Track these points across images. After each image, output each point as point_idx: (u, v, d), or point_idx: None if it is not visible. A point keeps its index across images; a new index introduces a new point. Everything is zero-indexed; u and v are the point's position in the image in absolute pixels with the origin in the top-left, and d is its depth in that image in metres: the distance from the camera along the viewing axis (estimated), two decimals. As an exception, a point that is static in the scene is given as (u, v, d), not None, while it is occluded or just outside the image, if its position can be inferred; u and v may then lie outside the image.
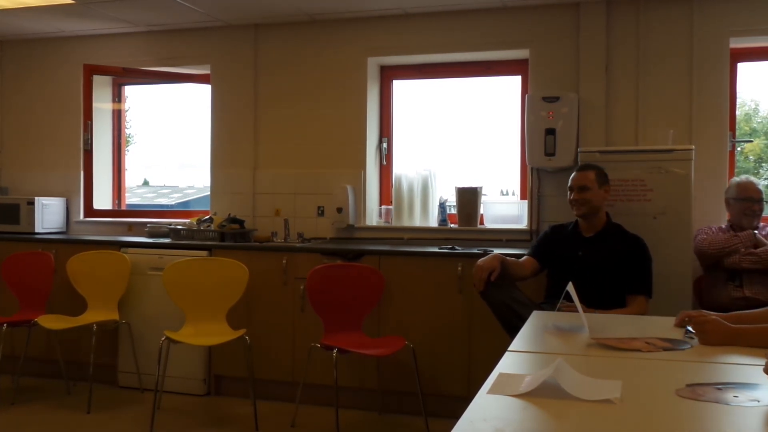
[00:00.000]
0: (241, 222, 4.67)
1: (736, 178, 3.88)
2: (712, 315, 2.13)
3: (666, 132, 3.93)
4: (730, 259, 3.55)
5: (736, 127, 4.34)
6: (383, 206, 4.82)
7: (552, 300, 3.12)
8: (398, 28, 4.61)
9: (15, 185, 5.48)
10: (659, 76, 4.15)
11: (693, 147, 3.76)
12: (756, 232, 3.59)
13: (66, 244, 4.72)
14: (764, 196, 3.78)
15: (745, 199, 3.66)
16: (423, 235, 4.54)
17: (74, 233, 5.24)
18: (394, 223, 4.62)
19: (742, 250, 3.53)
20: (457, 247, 4.13)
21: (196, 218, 4.78)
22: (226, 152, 4.97)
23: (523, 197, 4.55)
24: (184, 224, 4.76)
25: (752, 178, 3.80)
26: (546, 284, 3.56)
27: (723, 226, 3.79)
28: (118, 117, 5.53)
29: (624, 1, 4.19)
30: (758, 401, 1.44)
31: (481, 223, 4.52)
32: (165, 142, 5.74)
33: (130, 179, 5.74)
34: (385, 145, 4.83)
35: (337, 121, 4.74)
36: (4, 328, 4.17)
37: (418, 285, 4.02)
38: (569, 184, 3.47)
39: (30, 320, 4.25)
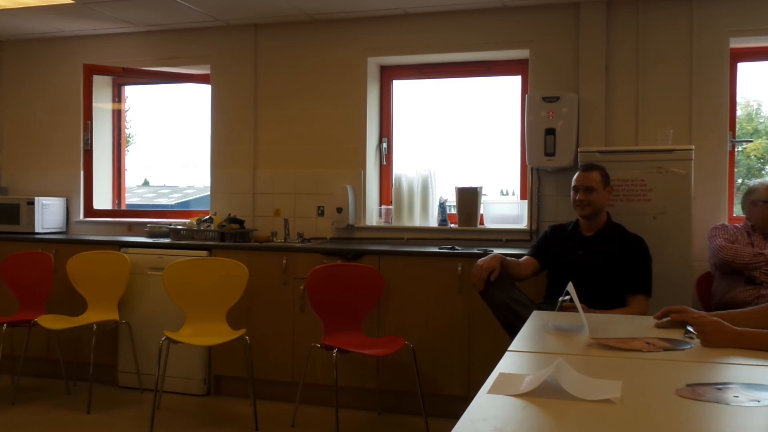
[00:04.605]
0: (241, 222, 4.67)
1: (760, 181, 3.80)
2: (712, 316, 2.12)
3: (666, 132, 3.93)
4: (751, 273, 3.51)
5: (738, 127, 4.34)
6: (383, 206, 4.82)
7: (552, 300, 3.12)
8: (398, 28, 4.62)
9: (15, 185, 5.48)
10: (659, 76, 4.15)
11: (693, 147, 3.76)
12: None
13: (66, 244, 4.72)
14: None
15: None
16: (423, 235, 4.54)
17: (74, 233, 5.24)
18: (394, 223, 4.62)
19: (765, 267, 3.51)
20: (457, 247, 4.13)
21: (196, 218, 4.78)
22: (226, 152, 4.97)
23: (523, 197, 4.55)
24: (184, 224, 4.76)
25: None
26: (546, 284, 3.56)
27: (739, 226, 3.72)
28: (118, 117, 5.53)
29: (624, 1, 4.19)
30: (758, 401, 1.44)
31: (481, 223, 4.52)
32: (165, 142, 5.74)
33: (130, 179, 5.74)
34: (385, 145, 4.83)
35: (337, 121, 4.74)
36: (4, 328, 4.17)
37: (418, 285, 4.02)
38: (573, 184, 3.46)
39: (30, 320, 4.26)
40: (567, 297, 2.32)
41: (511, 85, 4.68)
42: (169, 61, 5.11)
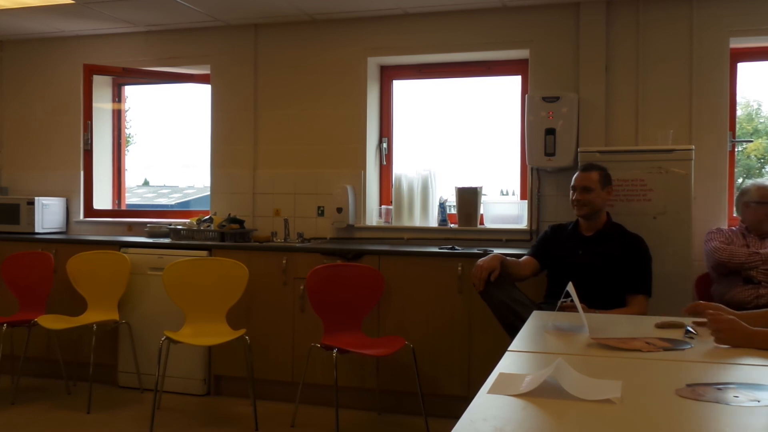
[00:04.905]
0: (241, 222, 4.67)
1: (752, 182, 3.83)
2: (729, 314, 2.10)
3: (666, 132, 3.93)
4: (748, 272, 3.52)
5: (738, 127, 4.34)
6: (383, 206, 4.82)
7: (552, 300, 3.12)
8: (398, 28, 4.61)
9: (15, 185, 5.48)
10: (659, 76, 4.15)
11: (693, 147, 3.76)
12: None
13: (66, 244, 4.72)
14: None
15: None
16: (423, 235, 4.54)
17: (74, 233, 5.24)
18: (394, 223, 4.62)
19: (762, 267, 3.51)
20: (457, 247, 4.13)
21: (196, 218, 4.78)
22: (226, 152, 4.97)
23: (523, 197, 4.55)
24: (184, 224, 4.76)
25: (766, 182, 3.78)
26: (546, 284, 3.56)
27: (734, 229, 3.74)
28: (118, 117, 5.53)
29: (624, 1, 4.19)
30: (758, 401, 1.44)
31: (481, 223, 4.52)
32: (165, 142, 5.74)
33: (130, 179, 5.74)
34: (385, 145, 4.83)
35: (337, 121, 4.74)
36: (4, 328, 4.17)
37: (418, 285, 4.02)
38: (572, 184, 3.47)
39: (30, 320, 4.26)
40: (567, 299, 2.32)
41: (511, 85, 4.68)
42: (169, 61, 5.11)
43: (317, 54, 4.78)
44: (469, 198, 4.44)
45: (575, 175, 3.49)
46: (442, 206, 4.61)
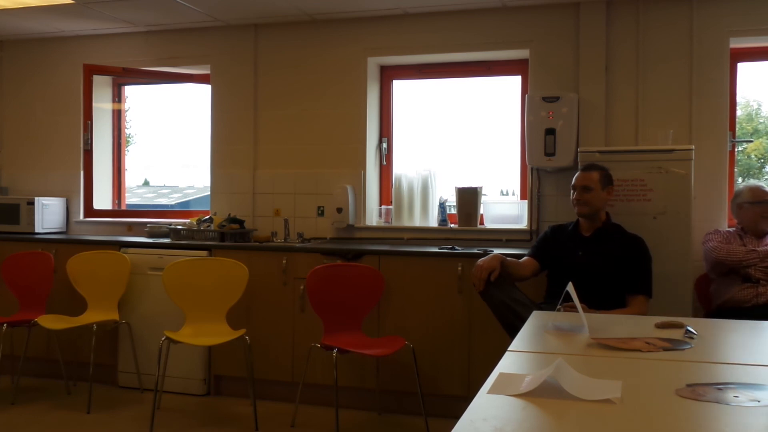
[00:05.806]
0: (241, 222, 4.67)
1: (744, 184, 3.88)
2: None
3: (666, 132, 3.93)
4: (746, 270, 3.55)
5: (738, 127, 4.34)
6: (383, 206, 4.82)
7: (552, 300, 3.12)
8: (398, 28, 4.62)
9: (15, 185, 5.48)
10: (659, 76, 4.15)
11: (693, 147, 3.76)
12: None
13: (66, 244, 4.72)
14: None
15: (762, 202, 3.66)
16: (423, 235, 4.54)
17: (74, 233, 5.24)
18: (394, 223, 4.62)
19: (760, 264, 3.53)
20: (457, 247, 4.13)
21: (196, 218, 4.78)
22: (226, 152, 4.97)
23: (523, 197, 4.55)
24: (184, 224, 4.76)
25: (759, 182, 3.81)
26: (546, 284, 3.56)
27: (731, 230, 3.77)
28: (118, 117, 5.53)
29: (624, 1, 4.19)
30: (758, 401, 1.44)
31: (481, 223, 4.52)
32: (165, 142, 5.74)
33: (130, 179, 5.74)
34: (385, 145, 4.83)
35: (337, 121, 4.74)
36: (4, 328, 4.17)
37: (418, 285, 4.02)
38: (572, 183, 3.48)
39: (30, 320, 4.26)
40: (568, 303, 2.32)
41: (511, 85, 4.68)
42: (169, 61, 5.11)
43: (317, 54, 4.78)
44: (469, 198, 4.44)
45: (576, 175, 3.50)
46: (442, 206, 4.61)
